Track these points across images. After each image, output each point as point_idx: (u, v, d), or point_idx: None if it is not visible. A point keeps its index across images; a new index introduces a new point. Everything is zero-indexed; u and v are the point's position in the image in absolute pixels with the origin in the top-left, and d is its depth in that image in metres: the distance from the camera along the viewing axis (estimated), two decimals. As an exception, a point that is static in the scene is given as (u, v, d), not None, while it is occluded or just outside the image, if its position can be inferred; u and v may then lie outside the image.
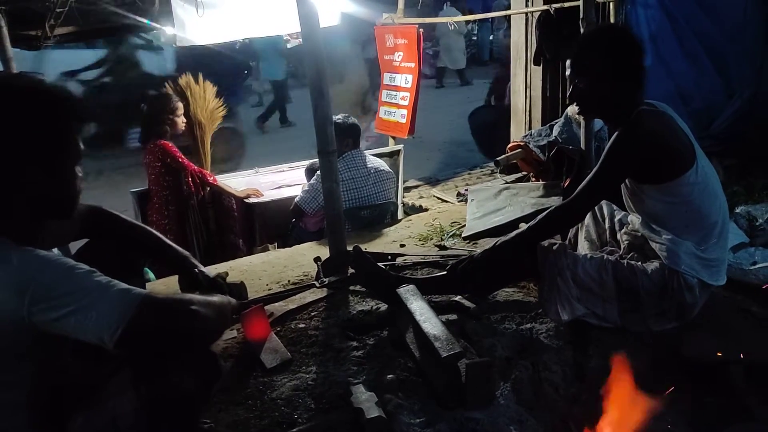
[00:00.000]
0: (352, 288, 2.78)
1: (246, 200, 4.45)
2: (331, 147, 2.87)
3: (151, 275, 3.96)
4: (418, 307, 2.24)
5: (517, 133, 5.42)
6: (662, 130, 2.23)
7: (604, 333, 2.29)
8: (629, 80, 2.30)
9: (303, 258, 3.42)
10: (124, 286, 1.44)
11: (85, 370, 1.64)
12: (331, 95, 2.83)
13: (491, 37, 16.64)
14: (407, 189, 5.91)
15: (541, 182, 4.07)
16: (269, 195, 4.56)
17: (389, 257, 3.04)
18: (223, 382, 1.98)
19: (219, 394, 1.99)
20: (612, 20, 4.30)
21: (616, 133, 2.26)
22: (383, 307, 2.55)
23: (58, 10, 4.18)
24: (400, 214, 4.86)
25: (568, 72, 2.41)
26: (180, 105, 4.38)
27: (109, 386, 1.57)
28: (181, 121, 4.39)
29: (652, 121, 2.24)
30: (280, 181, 4.97)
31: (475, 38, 17.29)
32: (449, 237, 3.57)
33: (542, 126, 4.78)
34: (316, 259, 2.95)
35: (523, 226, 2.58)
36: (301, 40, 3.72)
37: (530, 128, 5.21)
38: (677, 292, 2.19)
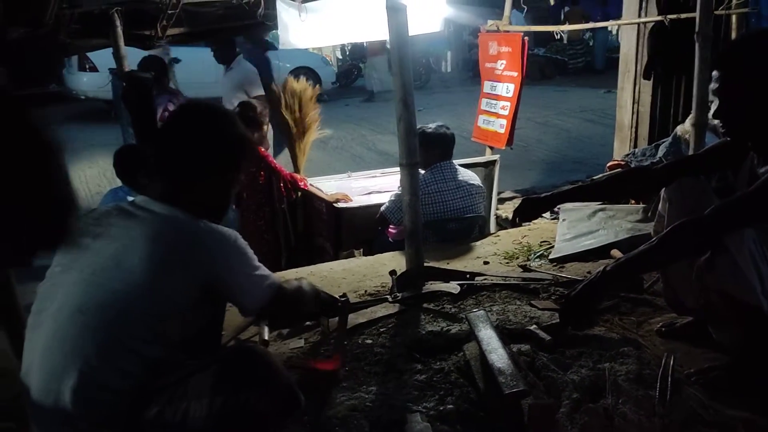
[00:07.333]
0: (425, 306, 2.71)
1: (335, 204, 4.45)
2: (413, 159, 2.81)
3: None
4: (486, 335, 2.13)
5: (620, 150, 5.12)
6: None
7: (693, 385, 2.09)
8: None
9: (383, 268, 3.36)
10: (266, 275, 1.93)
11: (180, 362, 1.68)
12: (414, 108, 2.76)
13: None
14: (501, 201, 5.73)
15: (641, 205, 3.81)
16: (358, 201, 4.53)
17: (467, 276, 2.94)
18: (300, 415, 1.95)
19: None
20: (734, 36, 3.96)
21: None
22: (454, 329, 2.45)
23: (169, 12, 4.36)
24: (492, 227, 4.71)
25: (713, 85, 2.02)
26: (266, 111, 4.44)
27: (189, 386, 1.59)
28: (267, 128, 4.45)
29: None
30: (371, 186, 4.92)
31: (591, 44, 16.65)
32: (536, 257, 3.41)
33: (648, 145, 4.50)
34: (392, 272, 2.89)
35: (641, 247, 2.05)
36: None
37: (635, 146, 4.91)
38: None
